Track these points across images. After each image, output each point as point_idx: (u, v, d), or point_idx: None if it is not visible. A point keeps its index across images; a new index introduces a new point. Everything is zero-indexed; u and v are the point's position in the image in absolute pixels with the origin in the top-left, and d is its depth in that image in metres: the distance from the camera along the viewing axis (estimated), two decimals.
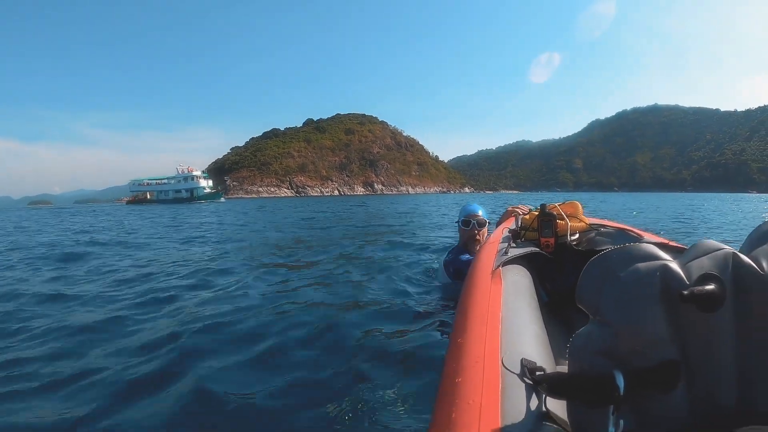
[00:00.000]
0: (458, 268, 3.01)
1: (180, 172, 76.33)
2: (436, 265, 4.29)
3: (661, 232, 3.00)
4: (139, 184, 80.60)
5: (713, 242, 0.76)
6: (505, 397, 0.74)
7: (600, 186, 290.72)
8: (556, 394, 0.72)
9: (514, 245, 1.89)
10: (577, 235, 2.05)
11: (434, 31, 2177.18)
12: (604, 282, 0.73)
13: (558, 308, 1.91)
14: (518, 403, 0.72)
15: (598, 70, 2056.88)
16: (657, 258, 0.72)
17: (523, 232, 2.11)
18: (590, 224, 2.14)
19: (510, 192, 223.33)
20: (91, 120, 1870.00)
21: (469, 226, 3.08)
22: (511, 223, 2.60)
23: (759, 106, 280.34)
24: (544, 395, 0.73)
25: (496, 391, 0.75)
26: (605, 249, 1.88)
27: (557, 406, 0.73)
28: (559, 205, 2.15)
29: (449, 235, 7.88)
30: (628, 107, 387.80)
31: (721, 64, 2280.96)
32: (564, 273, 2.14)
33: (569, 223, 2.04)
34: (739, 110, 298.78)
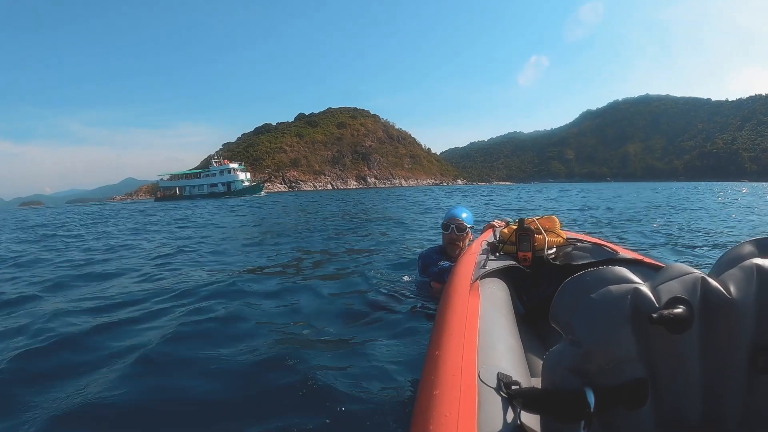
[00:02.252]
0: (426, 264, 3.07)
1: (215, 165, 71.97)
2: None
3: (636, 248, 3.03)
4: (169, 179, 76.73)
5: (683, 266, 0.79)
6: (481, 411, 0.75)
7: (592, 176, 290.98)
8: (531, 409, 0.73)
9: (492, 258, 1.92)
10: (554, 249, 2.07)
11: (425, 24, 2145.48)
12: (577, 303, 0.76)
13: (534, 321, 1.93)
14: (494, 416, 0.74)
15: (590, 61, 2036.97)
16: (629, 281, 0.75)
17: (501, 245, 2.12)
18: (567, 239, 2.17)
19: (503, 183, 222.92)
20: (81, 118, 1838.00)
21: (449, 230, 3.04)
22: (489, 236, 2.62)
23: (750, 96, 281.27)
24: (519, 409, 0.74)
25: (473, 405, 0.76)
26: (582, 263, 1.85)
27: (531, 420, 0.74)
28: (537, 219, 2.18)
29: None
30: (620, 98, 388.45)
31: (711, 55, 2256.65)
32: (540, 286, 2.19)
33: (547, 238, 2.06)
34: (730, 99, 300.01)
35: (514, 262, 1.92)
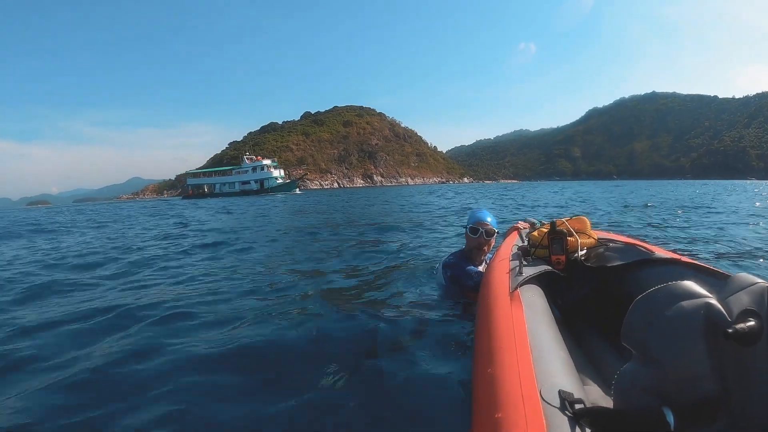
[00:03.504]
0: (455, 275, 2.87)
1: (248, 161, 69.11)
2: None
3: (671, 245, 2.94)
4: (197, 176, 74.53)
5: (748, 276, 0.79)
6: None
7: (599, 174, 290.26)
8: (603, 430, 0.71)
9: (525, 263, 1.86)
10: (585, 251, 2.04)
11: (430, 22, 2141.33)
12: (650, 320, 0.75)
13: (569, 324, 1.89)
14: None
15: (596, 58, 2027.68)
16: (699, 296, 0.74)
17: (532, 249, 2.09)
18: (598, 239, 2.13)
19: (509, 181, 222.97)
20: (87, 118, 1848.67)
21: (477, 234, 2.87)
22: (516, 239, 2.55)
23: (757, 93, 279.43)
24: (588, 430, 0.72)
25: (541, 428, 0.73)
26: (616, 264, 1.84)
27: None
28: (566, 220, 2.13)
29: None
30: (626, 95, 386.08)
31: (717, 52, 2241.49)
32: (574, 289, 2.13)
33: (579, 240, 2.03)
34: (737, 97, 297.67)
35: (549, 268, 1.88)
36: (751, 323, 0.68)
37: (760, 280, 0.76)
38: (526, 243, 2.26)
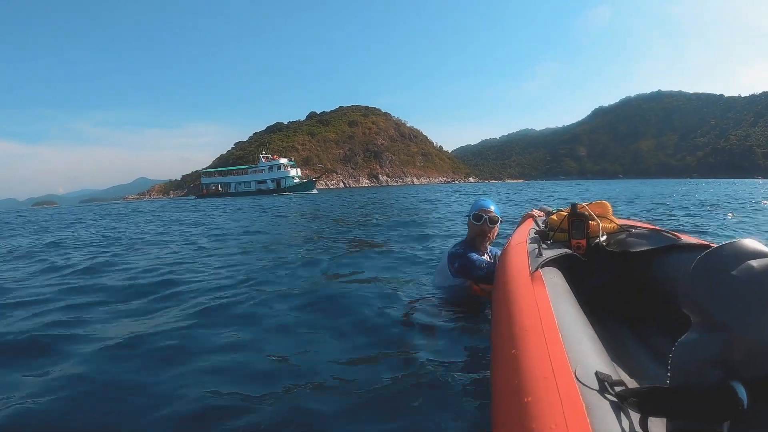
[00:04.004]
0: (464, 264, 2.74)
1: (264, 160, 67.50)
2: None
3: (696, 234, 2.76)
4: (212, 175, 72.75)
5: None
6: (592, 418, 0.64)
7: (604, 173, 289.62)
8: (655, 412, 0.64)
9: (545, 246, 1.80)
10: (605, 237, 1.97)
11: (435, 22, 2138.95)
12: (715, 282, 0.66)
13: (588, 311, 1.82)
14: (608, 423, 0.64)
15: (602, 57, 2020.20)
16: (767, 255, 0.66)
17: (551, 233, 2.02)
18: (620, 225, 2.08)
19: (515, 181, 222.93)
20: (93, 119, 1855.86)
21: (480, 222, 2.81)
22: (531, 225, 2.47)
23: (763, 91, 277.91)
24: (634, 414, 0.66)
25: (580, 411, 0.66)
26: (640, 250, 1.76)
27: (652, 424, 0.65)
28: (587, 205, 2.06)
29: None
30: (632, 94, 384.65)
31: (724, 51, 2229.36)
32: (595, 275, 2.08)
33: (600, 224, 1.97)
34: (743, 95, 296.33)
35: (569, 251, 1.82)
36: None
37: None
38: (543, 227, 2.21)
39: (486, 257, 2.84)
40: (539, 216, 2.67)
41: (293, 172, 64.80)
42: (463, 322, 2.46)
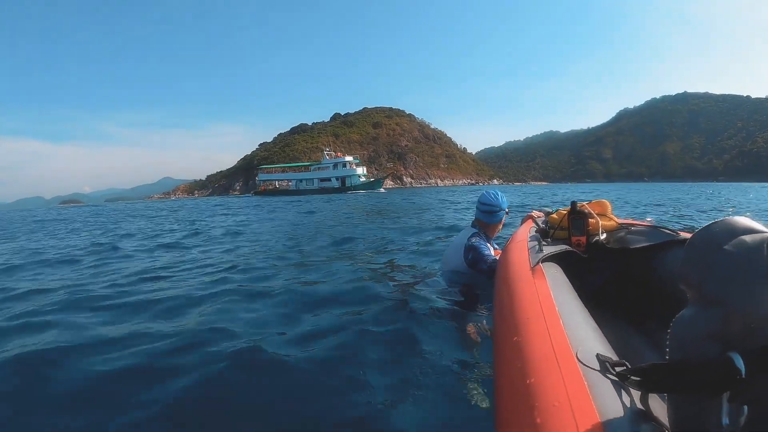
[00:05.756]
0: (475, 259, 2.79)
1: (328, 157, 66.31)
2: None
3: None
4: (269, 171, 72.82)
5: None
6: (595, 396, 0.68)
7: (630, 176, 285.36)
8: (656, 388, 0.67)
9: (545, 243, 1.84)
10: (605, 235, 2.00)
11: (458, 21, 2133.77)
12: (710, 258, 0.67)
13: (590, 308, 1.83)
14: (611, 400, 0.67)
15: (626, 57, 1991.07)
16: (759, 231, 0.68)
17: (552, 230, 2.05)
18: (620, 223, 2.11)
19: (539, 183, 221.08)
20: (118, 119, 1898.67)
21: (502, 218, 3.01)
22: (531, 225, 2.54)
23: None
24: (635, 392, 0.69)
25: (582, 390, 0.69)
26: (639, 246, 1.80)
27: (652, 401, 0.68)
28: (587, 203, 2.11)
29: None
30: (657, 95, 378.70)
31: (750, 51, 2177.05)
32: (594, 272, 2.11)
33: (600, 222, 2.00)
34: None
35: (569, 247, 1.85)
36: None
37: None
38: (544, 226, 2.24)
39: (491, 250, 2.88)
40: (539, 217, 2.73)
41: (359, 170, 63.23)
42: (467, 311, 2.53)
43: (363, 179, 61.89)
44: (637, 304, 1.93)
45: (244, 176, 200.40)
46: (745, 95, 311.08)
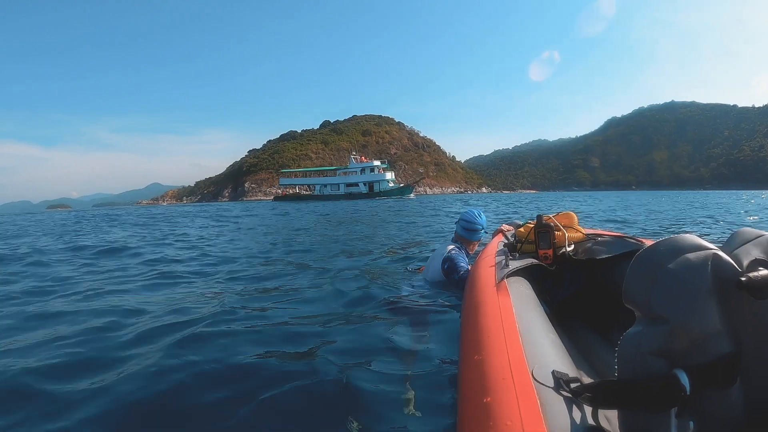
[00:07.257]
0: (450, 267, 2.91)
1: (355, 161, 63.67)
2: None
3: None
4: (291, 176, 69.94)
5: (753, 230, 0.75)
6: (547, 414, 0.68)
7: (617, 185, 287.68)
8: (606, 404, 0.68)
9: (512, 257, 1.85)
10: (572, 246, 2.03)
11: (447, 31, 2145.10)
12: (653, 276, 0.68)
13: (559, 320, 1.83)
14: (561, 418, 0.68)
15: (614, 67, 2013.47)
16: (704, 248, 0.69)
17: (519, 245, 2.07)
18: (587, 234, 2.13)
19: (527, 192, 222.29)
20: (107, 124, 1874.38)
21: (474, 233, 3.17)
22: (500, 239, 2.56)
23: None
24: (588, 408, 0.69)
25: (535, 408, 0.70)
26: (605, 257, 1.83)
27: (602, 418, 0.68)
28: (554, 216, 2.14)
29: None
30: (645, 104, 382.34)
31: (736, 60, 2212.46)
32: (563, 284, 2.14)
33: (567, 234, 2.02)
34: (756, 106, 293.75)
35: (535, 261, 1.88)
36: (764, 272, 0.65)
37: (766, 233, 0.73)
38: (512, 239, 2.26)
39: (467, 264, 2.93)
40: (508, 230, 2.79)
41: (388, 175, 59.98)
42: (441, 324, 2.48)
43: (392, 185, 58.70)
44: (604, 314, 1.96)
45: (233, 183, 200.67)
46: (732, 104, 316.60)
